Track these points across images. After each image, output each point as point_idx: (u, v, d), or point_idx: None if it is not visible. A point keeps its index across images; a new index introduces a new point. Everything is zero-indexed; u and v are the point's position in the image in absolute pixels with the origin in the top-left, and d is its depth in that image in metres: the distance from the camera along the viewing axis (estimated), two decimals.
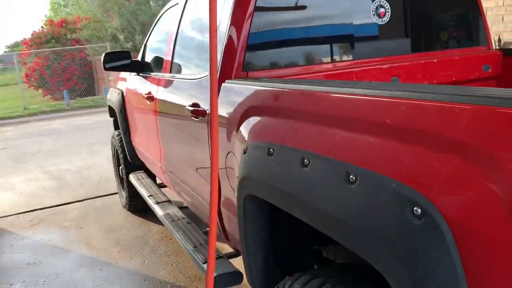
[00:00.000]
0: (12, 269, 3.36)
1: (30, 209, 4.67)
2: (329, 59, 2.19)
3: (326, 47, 2.20)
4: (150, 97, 2.91)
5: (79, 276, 3.19)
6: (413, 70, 2.25)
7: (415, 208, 0.87)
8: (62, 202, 4.81)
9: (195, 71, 2.40)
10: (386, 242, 0.92)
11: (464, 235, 0.83)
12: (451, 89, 1.03)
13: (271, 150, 1.41)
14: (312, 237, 1.81)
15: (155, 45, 3.37)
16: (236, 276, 2.14)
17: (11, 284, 3.15)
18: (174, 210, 3.03)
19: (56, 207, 4.70)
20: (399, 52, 2.32)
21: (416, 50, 2.41)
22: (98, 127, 10.10)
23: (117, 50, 5.51)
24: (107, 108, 4.55)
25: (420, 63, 2.28)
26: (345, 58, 2.22)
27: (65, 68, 17.04)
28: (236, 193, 1.90)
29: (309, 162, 1.20)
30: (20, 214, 4.56)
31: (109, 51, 3.54)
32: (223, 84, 1.96)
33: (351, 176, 1.04)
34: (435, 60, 2.31)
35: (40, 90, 18.66)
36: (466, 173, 0.82)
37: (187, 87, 2.37)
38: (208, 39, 2.38)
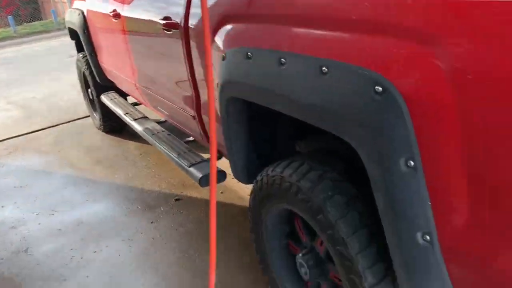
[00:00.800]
0: (0, 193, 3.51)
1: (2, 138, 4.69)
2: None
3: None
4: (116, 15, 2.92)
5: (68, 193, 3.38)
6: None
7: (376, 86, 1.08)
8: (35, 129, 4.85)
9: None
10: (355, 117, 1.13)
11: (416, 106, 1.04)
12: None
13: (249, 54, 1.56)
14: (284, 134, 2.05)
15: None
16: (220, 175, 2.38)
17: (2, 206, 3.31)
18: (153, 125, 3.19)
19: (29, 134, 4.74)
20: None
21: None
22: (53, 54, 9.74)
23: None
24: (58, 33, 4.47)
25: None
26: None
27: None
28: (217, 99, 2.08)
29: (285, 61, 1.37)
30: None
31: None
32: None
33: (323, 68, 1.22)
34: None
35: None
36: (417, 55, 1.01)
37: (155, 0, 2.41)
38: None
